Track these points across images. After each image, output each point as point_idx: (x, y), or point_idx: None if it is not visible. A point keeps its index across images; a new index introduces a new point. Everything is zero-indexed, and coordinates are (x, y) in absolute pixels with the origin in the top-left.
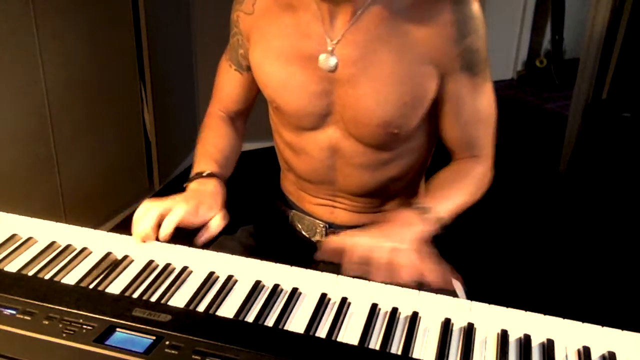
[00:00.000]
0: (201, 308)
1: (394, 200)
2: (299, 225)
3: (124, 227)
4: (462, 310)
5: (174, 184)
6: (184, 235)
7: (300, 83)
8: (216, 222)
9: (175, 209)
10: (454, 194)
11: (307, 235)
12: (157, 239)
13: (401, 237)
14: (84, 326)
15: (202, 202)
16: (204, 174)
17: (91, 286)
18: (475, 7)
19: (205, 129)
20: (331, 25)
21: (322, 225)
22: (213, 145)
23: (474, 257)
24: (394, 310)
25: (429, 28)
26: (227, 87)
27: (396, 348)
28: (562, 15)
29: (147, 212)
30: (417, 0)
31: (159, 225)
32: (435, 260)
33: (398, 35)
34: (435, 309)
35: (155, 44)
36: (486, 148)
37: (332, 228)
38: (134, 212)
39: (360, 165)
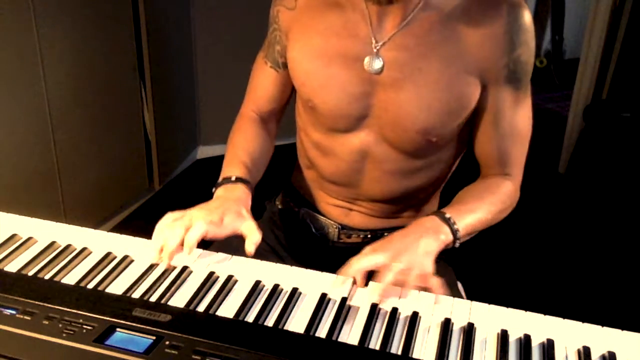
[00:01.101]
0: (201, 308)
1: (411, 210)
2: (311, 224)
3: (124, 227)
4: (462, 310)
5: (174, 184)
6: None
7: (341, 83)
8: (248, 228)
9: (196, 227)
10: (476, 209)
11: (318, 235)
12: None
13: (424, 252)
14: (84, 326)
15: (227, 210)
16: (232, 179)
17: (91, 286)
18: (529, 19)
19: (235, 132)
20: (379, 27)
21: (335, 226)
22: (242, 148)
23: (474, 257)
24: (394, 310)
25: (481, 36)
26: (262, 85)
27: (396, 348)
28: (562, 15)
29: (171, 229)
30: (470, 7)
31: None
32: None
33: (448, 41)
34: (435, 309)
35: (155, 44)
36: (517, 167)
37: (345, 230)
38: (134, 212)
39: (389, 172)
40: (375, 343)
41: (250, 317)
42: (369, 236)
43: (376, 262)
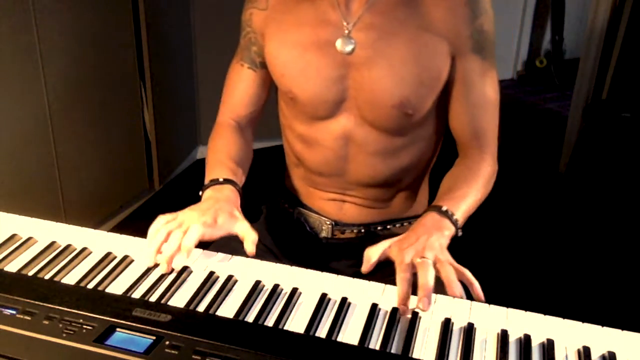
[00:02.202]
0: (201, 308)
1: (402, 193)
2: (305, 223)
3: (124, 227)
4: (462, 310)
5: (174, 184)
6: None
7: (317, 69)
8: (243, 229)
9: (192, 230)
10: (467, 194)
11: (312, 233)
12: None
13: (439, 245)
14: (84, 326)
15: (220, 211)
16: (219, 180)
17: (91, 286)
18: None
19: (215, 138)
20: (347, 9)
21: (328, 223)
22: (224, 153)
23: (474, 257)
24: (394, 310)
25: (443, 9)
26: (239, 89)
27: (396, 348)
28: (562, 15)
29: (167, 231)
30: None
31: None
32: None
33: (414, 15)
34: (435, 309)
35: (155, 44)
36: (492, 139)
37: (339, 226)
38: (134, 212)
39: (373, 153)
40: (375, 343)
41: (250, 317)
42: (362, 231)
43: (410, 257)
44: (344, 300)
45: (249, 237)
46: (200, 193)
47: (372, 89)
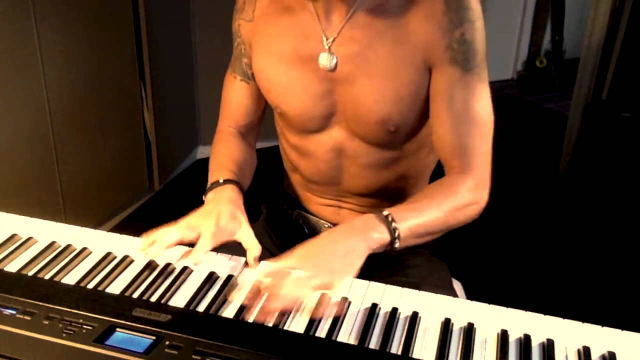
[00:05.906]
0: (201, 308)
1: (400, 200)
2: (304, 224)
3: (124, 227)
4: (462, 310)
5: (174, 184)
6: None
7: (302, 85)
8: (246, 239)
9: (201, 244)
10: (423, 208)
11: (312, 234)
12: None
13: (348, 247)
14: (84, 326)
15: (221, 214)
16: (220, 182)
17: (91, 286)
18: None
19: (216, 144)
20: (327, 23)
21: (327, 226)
22: (226, 157)
23: (474, 256)
24: (394, 310)
25: (421, 20)
26: (235, 100)
27: (396, 348)
28: (562, 15)
29: (169, 230)
30: None
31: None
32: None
33: (392, 29)
34: (435, 309)
35: (155, 44)
36: (478, 159)
37: None
38: (134, 212)
39: (365, 165)
40: (375, 343)
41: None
42: None
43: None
44: (343, 300)
45: (252, 252)
46: (203, 197)
47: (356, 106)
